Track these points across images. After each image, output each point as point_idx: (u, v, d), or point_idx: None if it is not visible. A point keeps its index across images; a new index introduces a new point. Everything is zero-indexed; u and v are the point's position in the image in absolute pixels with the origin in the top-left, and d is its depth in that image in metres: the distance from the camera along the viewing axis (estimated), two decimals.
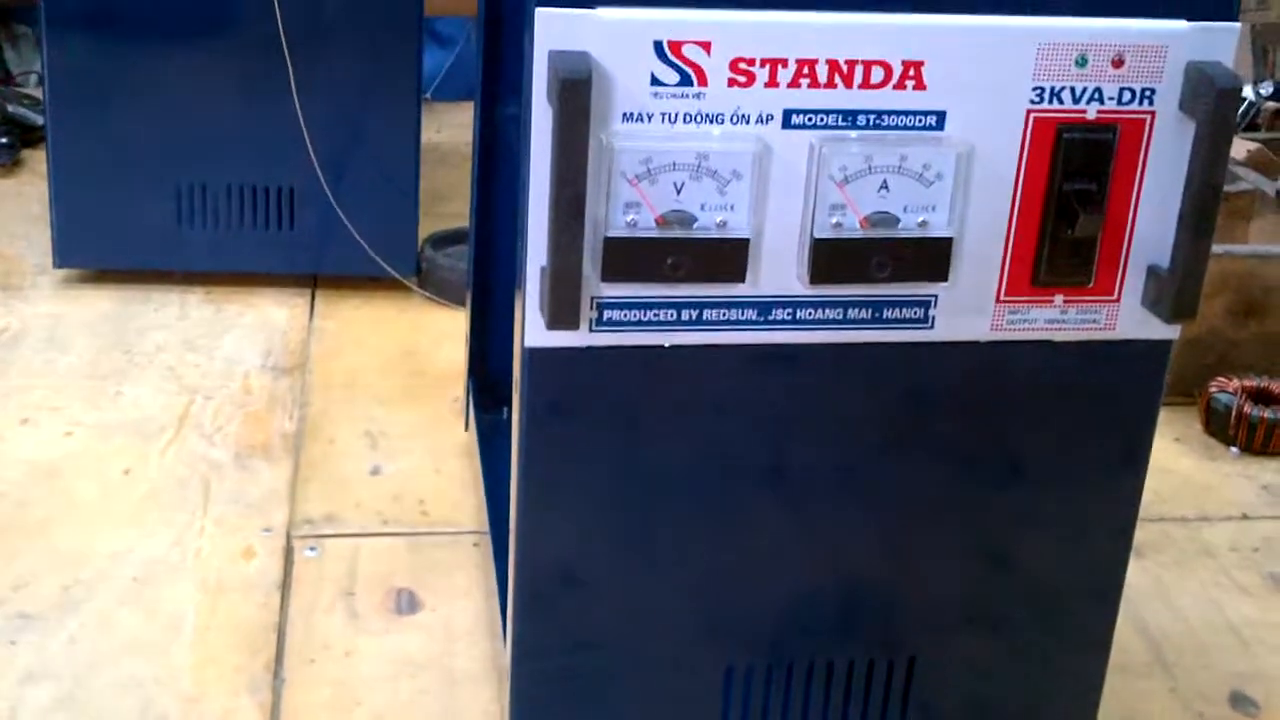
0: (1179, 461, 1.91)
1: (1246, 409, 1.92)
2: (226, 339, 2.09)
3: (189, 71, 2.11)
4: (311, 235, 2.20)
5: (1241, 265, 2.01)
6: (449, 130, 2.94)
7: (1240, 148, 2.57)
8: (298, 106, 2.08)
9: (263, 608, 1.49)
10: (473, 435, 1.73)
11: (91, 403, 1.88)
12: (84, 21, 2.09)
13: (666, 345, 1.03)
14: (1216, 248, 2.00)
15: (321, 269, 2.26)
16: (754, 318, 1.03)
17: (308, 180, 2.14)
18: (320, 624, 1.48)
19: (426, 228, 2.28)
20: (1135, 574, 1.62)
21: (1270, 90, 2.92)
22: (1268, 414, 1.92)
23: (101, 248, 2.21)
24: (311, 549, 1.60)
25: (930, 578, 1.15)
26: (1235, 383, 1.98)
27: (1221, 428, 1.95)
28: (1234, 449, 1.94)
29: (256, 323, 2.14)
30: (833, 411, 1.08)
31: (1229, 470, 1.90)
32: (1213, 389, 1.97)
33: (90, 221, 2.18)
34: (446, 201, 2.45)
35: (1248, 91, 2.87)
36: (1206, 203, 1.00)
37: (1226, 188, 2.26)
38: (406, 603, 1.52)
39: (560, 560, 1.10)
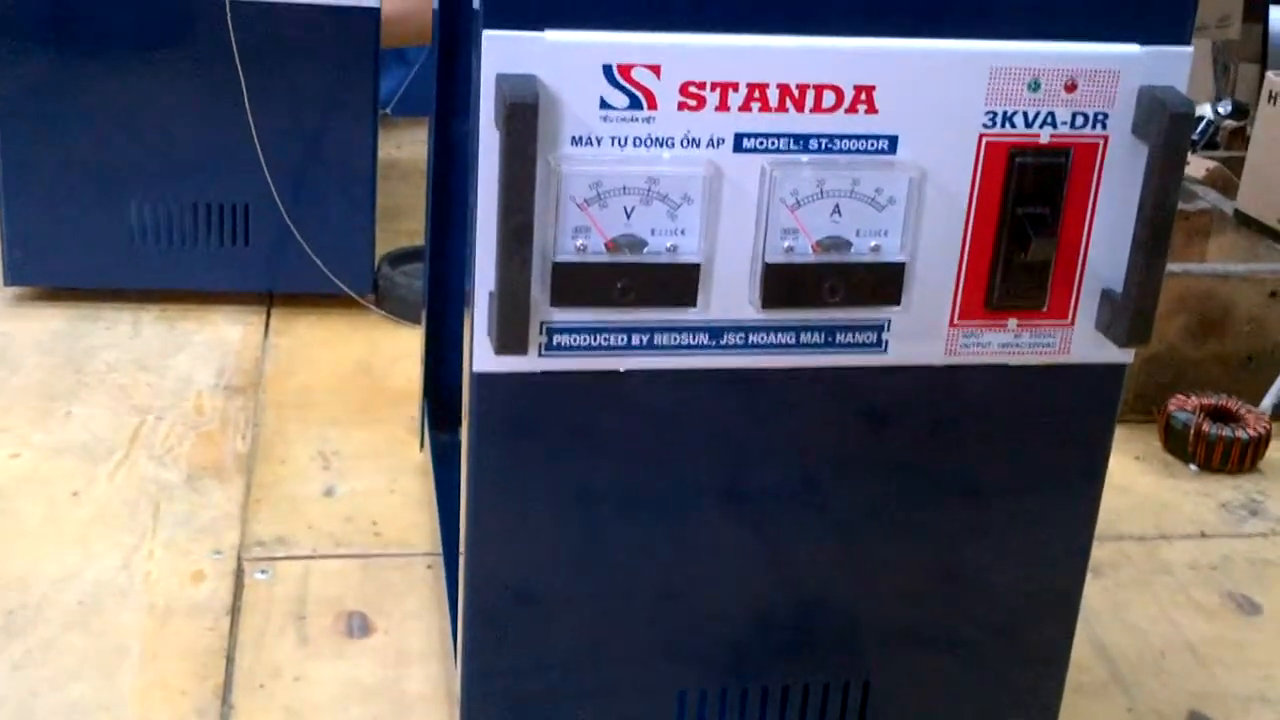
0: (1138, 480, 1.91)
1: (1205, 427, 1.93)
2: (179, 358, 2.06)
3: (142, 87, 2.08)
4: (266, 253, 2.17)
5: (1200, 284, 2.02)
6: (409, 146, 2.93)
7: (1199, 166, 2.58)
8: (252, 122, 2.06)
9: (211, 632, 1.47)
10: (428, 455, 1.72)
11: (40, 423, 1.86)
12: (35, 35, 2.06)
13: (621, 370, 1.02)
14: (1175, 266, 2.03)
15: (276, 287, 2.24)
16: (706, 342, 1.02)
17: (262, 197, 2.12)
18: (270, 648, 1.45)
19: (385, 245, 2.26)
20: (1093, 593, 1.62)
21: (1229, 109, 2.94)
22: (1226, 432, 1.92)
23: (53, 265, 2.18)
24: (263, 572, 1.58)
25: (886, 600, 1.15)
26: (1194, 401, 1.98)
27: (1180, 446, 1.95)
28: (1193, 467, 1.94)
29: (210, 341, 2.12)
30: (787, 435, 1.07)
31: (1188, 488, 1.90)
32: (1171, 407, 1.97)
33: (41, 238, 2.15)
34: (406, 219, 2.43)
35: (1206, 110, 2.89)
36: (1160, 227, 1.00)
37: (1186, 206, 2.28)
38: (358, 626, 1.50)
39: (511, 582, 1.09)
